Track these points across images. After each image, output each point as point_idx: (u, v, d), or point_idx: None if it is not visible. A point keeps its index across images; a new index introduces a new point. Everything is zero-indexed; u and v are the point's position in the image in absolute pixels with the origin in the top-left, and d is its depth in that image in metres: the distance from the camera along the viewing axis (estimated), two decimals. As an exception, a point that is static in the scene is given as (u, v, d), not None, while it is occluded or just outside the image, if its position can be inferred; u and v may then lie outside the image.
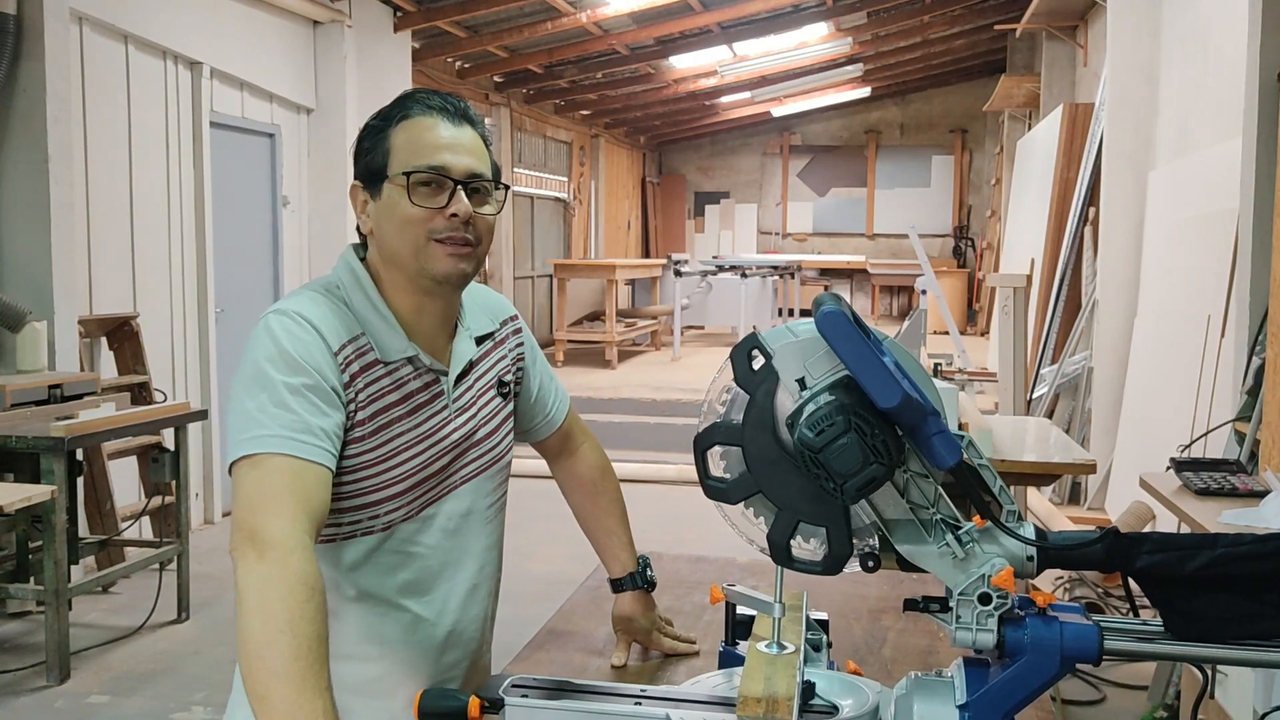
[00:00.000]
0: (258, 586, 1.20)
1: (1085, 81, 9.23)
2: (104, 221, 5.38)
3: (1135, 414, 5.76)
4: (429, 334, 1.49)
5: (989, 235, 14.59)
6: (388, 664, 1.49)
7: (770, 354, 1.19)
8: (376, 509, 1.44)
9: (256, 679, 1.14)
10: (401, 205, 1.41)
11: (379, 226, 1.45)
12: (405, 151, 1.42)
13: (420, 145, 1.42)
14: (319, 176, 7.28)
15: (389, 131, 1.44)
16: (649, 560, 1.77)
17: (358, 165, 1.48)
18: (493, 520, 1.60)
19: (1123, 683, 3.94)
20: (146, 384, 5.40)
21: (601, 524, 1.79)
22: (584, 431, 1.85)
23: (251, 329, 1.40)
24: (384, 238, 1.44)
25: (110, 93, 5.42)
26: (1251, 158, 3.35)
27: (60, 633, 3.99)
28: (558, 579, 2.00)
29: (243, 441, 1.31)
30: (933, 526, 1.19)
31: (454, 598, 1.54)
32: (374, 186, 1.45)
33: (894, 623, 1.86)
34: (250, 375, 1.35)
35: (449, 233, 1.41)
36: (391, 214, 1.42)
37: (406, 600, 1.49)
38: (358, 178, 1.48)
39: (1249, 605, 1.15)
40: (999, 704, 1.16)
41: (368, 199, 1.46)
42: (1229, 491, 2.59)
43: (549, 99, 12.60)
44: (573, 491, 1.82)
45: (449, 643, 1.54)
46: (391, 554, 1.47)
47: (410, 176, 1.40)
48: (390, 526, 1.46)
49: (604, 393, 9.20)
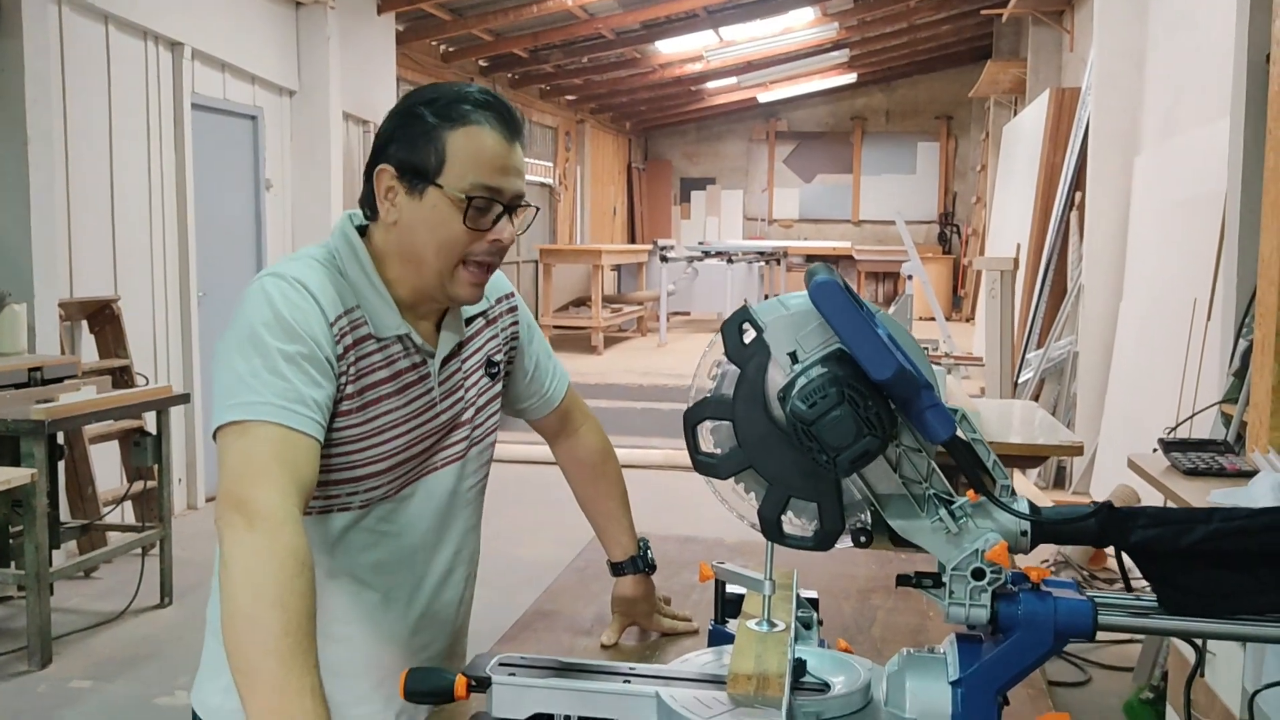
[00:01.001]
0: (246, 558, 1.17)
1: (1071, 66, 9.23)
2: (84, 204, 5.33)
3: (1120, 398, 5.77)
4: (420, 315, 1.47)
5: (974, 222, 14.61)
6: (356, 644, 1.47)
7: (762, 328, 1.17)
8: (356, 485, 1.42)
9: (244, 654, 1.12)
10: (450, 222, 1.36)
11: (410, 226, 1.38)
12: (464, 164, 1.35)
13: (481, 163, 1.35)
14: (302, 160, 7.22)
15: (444, 133, 1.35)
16: (649, 543, 1.76)
17: (390, 149, 1.38)
18: (473, 503, 1.58)
19: (1108, 664, 3.95)
20: (128, 368, 5.36)
21: (602, 507, 1.77)
22: (584, 413, 1.82)
23: (245, 290, 1.36)
24: (413, 240, 1.38)
25: (90, 74, 5.36)
26: (1240, 138, 3.35)
27: (42, 617, 3.96)
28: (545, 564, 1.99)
29: (231, 407, 1.27)
30: (925, 501, 1.18)
31: (428, 580, 1.52)
32: (415, 183, 1.36)
33: (883, 602, 1.85)
34: (244, 337, 1.31)
35: (485, 257, 1.39)
36: (434, 225, 1.36)
37: (378, 579, 1.47)
38: (390, 163, 1.38)
39: (1244, 580, 1.14)
40: (992, 679, 1.15)
41: (398, 189, 1.38)
42: (1217, 471, 2.59)
43: (534, 83, 12.54)
44: (573, 474, 1.80)
45: (420, 625, 1.52)
46: (367, 532, 1.45)
47: (472, 202, 1.35)
48: (368, 505, 1.44)
49: (590, 378, 9.18)
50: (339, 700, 1.39)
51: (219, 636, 1.44)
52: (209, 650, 1.49)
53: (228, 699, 1.42)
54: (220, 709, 1.45)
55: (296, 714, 1.07)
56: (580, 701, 1.26)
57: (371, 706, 1.45)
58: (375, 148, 1.42)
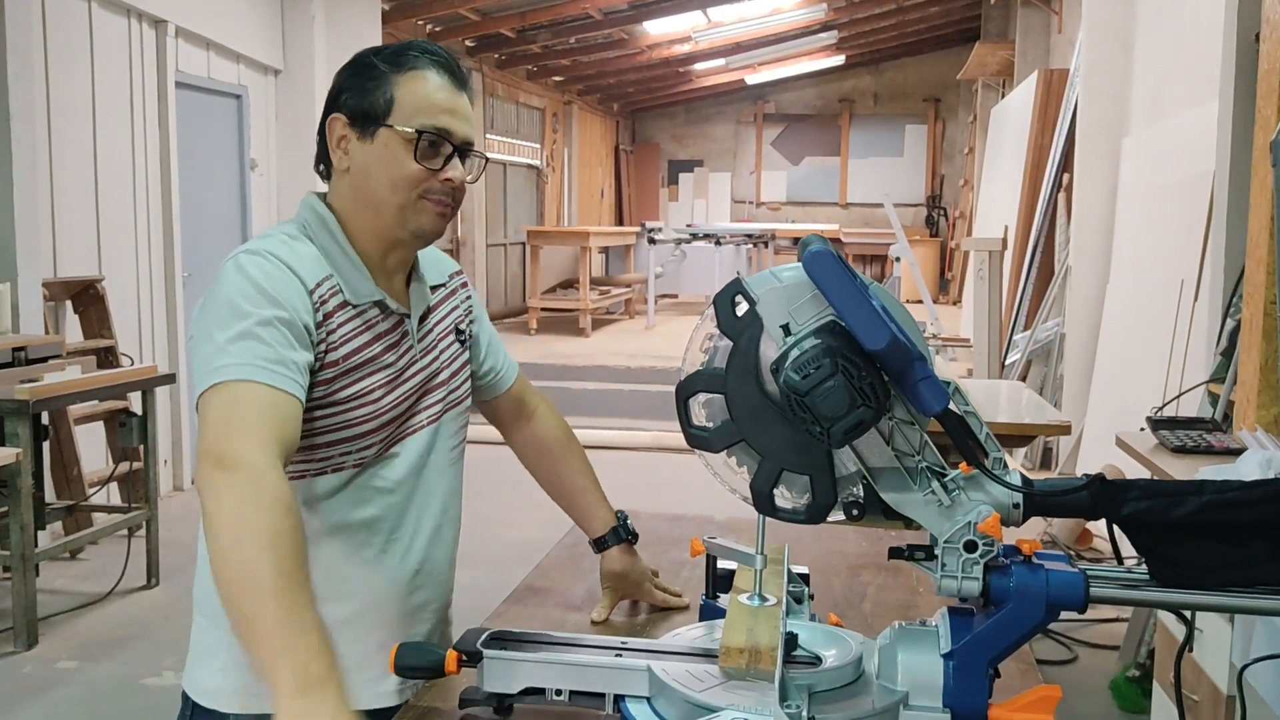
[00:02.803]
0: (232, 505, 1.16)
1: (1060, 48, 9.23)
2: (68, 183, 5.28)
3: (1107, 379, 5.79)
4: (390, 279, 1.49)
5: (962, 204, 14.61)
6: (356, 603, 1.47)
7: (754, 299, 1.17)
8: (349, 445, 1.43)
9: (241, 599, 1.10)
10: (402, 160, 1.40)
11: (364, 169, 1.42)
12: (412, 106, 1.40)
13: (428, 104, 1.41)
14: (288, 139, 7.17)
15: (393, 78, 1.41)
16: (626, 514, 1.75)
17: (342, 98, 1.43)
18: (455, 464, 1.60)
19: (1094, 642, 3.97)
20: (113, 348, 5.32)
21: (574, 484, 1.76)
22: (538, 395, 1.83)
23: (220, 269, 1.37)
24: (369, 183, 1.42)
25: (73, 51, 5.30)
26: (1228, 117, 3.34)
27: (27, 598, 3.94)
28: (534, 544, 1.98)
29: (212, 371, 1.27)
30: (918, 474, 1.17)
31: (420, 535, 1.52)
32: (366, 127, 1.41)
33: (874, 578, 1.85)
34: (221, 309, 1.31)
35: (440, 195, 1.43)
36: (388, 164, 1.41)
37: (374, 536, 1.47)
38: (341, 111, 1.43)
39: (1235, 552, 1.14)
40: (984, 651, 1.15)
41: (350, 136, 1.43)
42: (1205, 449, 2.60)
43: (521, 64, 12.47)
44: (538, 456, 1.79)
45: (417, 582, 1.53)
46: (360, 489, 1.45)
47: (421, 136, 1.39)
48: (361, 464, 1.45)
49: (577, 360, 9.17)
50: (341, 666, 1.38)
51: (210, 617, 1.43)
52: (200, 632, 1.48)
53: (225, 680, 1.42)
54: (218, 691, 1.44)
55: (301, 650, 1.06)
56: (572, 675, 1.26)
57: (373, 671, 1.44)
58: (328, 102, 1.46)
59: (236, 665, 1.40)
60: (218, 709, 1.43)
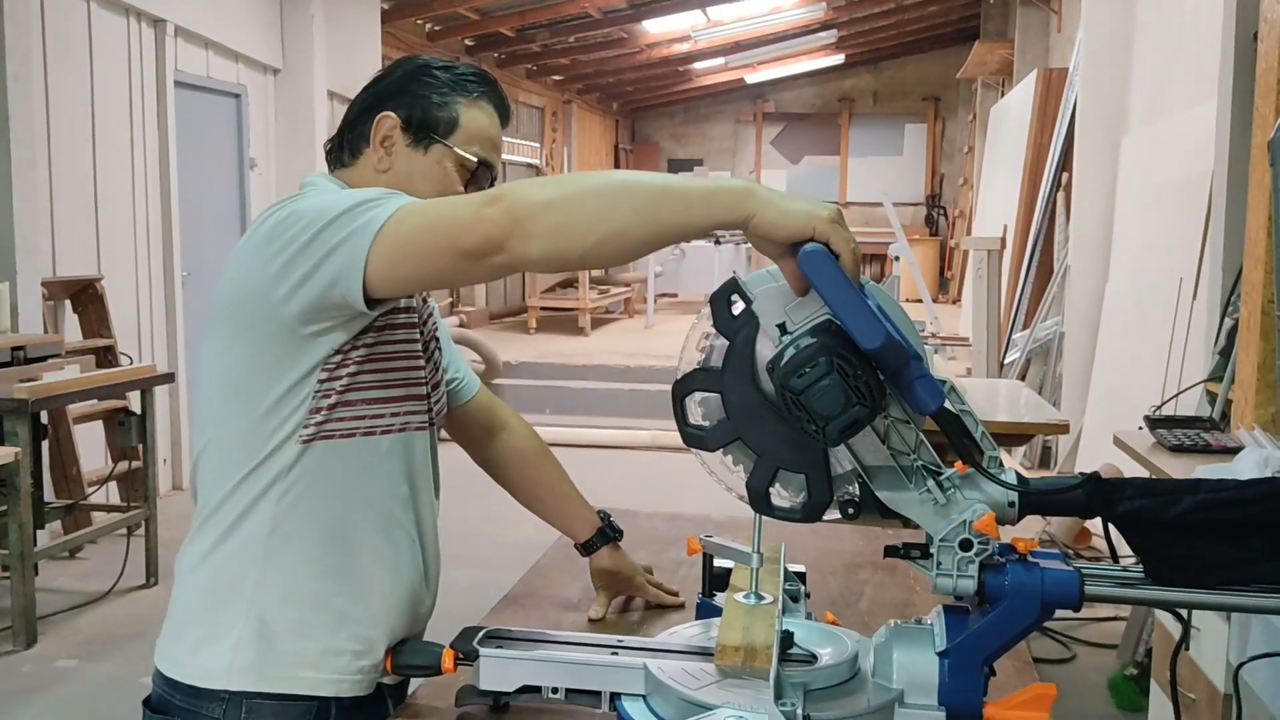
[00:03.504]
0: (553, 185, 1.13)
1: (1059, 47, 9.23)
2: (67, 182, 5.28)
3: (1106, 378, 5.79)
4: None
5: (961, 203, 14.62)
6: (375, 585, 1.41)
7: (750, 299, 1.17)
8: (399, 405, 1.40)
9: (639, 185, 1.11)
10: (452, 179, 1.44)
11: (406, 174, 1.43)
12: (473, 133, 1.45)
13: (485, 137, 1.47)
14: (286, 138, 7.17)
15: (461, 101, 1.45)
16: (608, 513, 1.75)
17: (398, 99, 1.44)
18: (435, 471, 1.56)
19: (1093, 641, 3.98)
20: (112, 347, 5.32)
21: (555, 491, 1.75)
22: (506, 406, 1.81)
23: (283, 205, 1.31)
24: (408, 188, 1.37)
25: (72, 50, 5.30)
26: (1227, 116, 3.34)
27: (26, 596, 3.94)
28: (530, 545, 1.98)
29: (375, 209, 1.20)
30: (914, 473, 1.17)
31: (426, 524, 1.49)
32: (420, 137, 1.43)
33: (870, 576, 1.86)
34: (327, 202, 1.24)
35: None
36: (436, 179, 1.43)
37: (405, 514, 1.43)
38: (395, 112, 1.43)
39: (1231, 551, 1.14)
40: (979, 650, 1.15)
41: (397, 139, 1.43)
42: (1203, 448, 2.60)
43: (521, 63, 12.47)
44: (515, 467, 1.75)
45: (427, 574, 1.49)
46: (395, 460, 1.41)
47: (480, 166, 1.45)
48: (405, 429, 1.42)
49: (577, 359, 9.17)
50: (353, 649, 1.37)
51: (226, 590, 1.36)
52: (207, 612, 1.38)
53: (239, 655, 1.35)
54: (229, 669, 1.35)
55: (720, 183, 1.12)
56: (568, 673, 1.26)
57: (376, 659, 1.40)
58: (375, 96, 1.46)
59: (253, 639, 1.34)
60: (227, 688, 1.35)
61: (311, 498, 1.34)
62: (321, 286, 1.23)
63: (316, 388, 1.31)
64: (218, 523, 1.35)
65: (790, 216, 1.09)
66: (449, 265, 1.17)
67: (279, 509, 1.33)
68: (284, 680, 1.35)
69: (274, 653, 1.34)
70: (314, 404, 1.32)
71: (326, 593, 1.36)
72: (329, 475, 1.34)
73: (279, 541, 1.34)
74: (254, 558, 1.34)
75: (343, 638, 1.37)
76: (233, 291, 1.31)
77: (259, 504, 1.33)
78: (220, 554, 1.36)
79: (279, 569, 1.34)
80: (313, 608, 1.35)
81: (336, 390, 1.32)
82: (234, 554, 1.35)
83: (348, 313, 1.26)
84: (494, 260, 1.14)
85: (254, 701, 1.34)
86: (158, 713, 1.42)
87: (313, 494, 1.34)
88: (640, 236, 1.12)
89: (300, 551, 1.35)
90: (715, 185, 1.12)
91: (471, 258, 1.15)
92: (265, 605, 1.34)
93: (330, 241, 1.21)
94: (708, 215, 1.11)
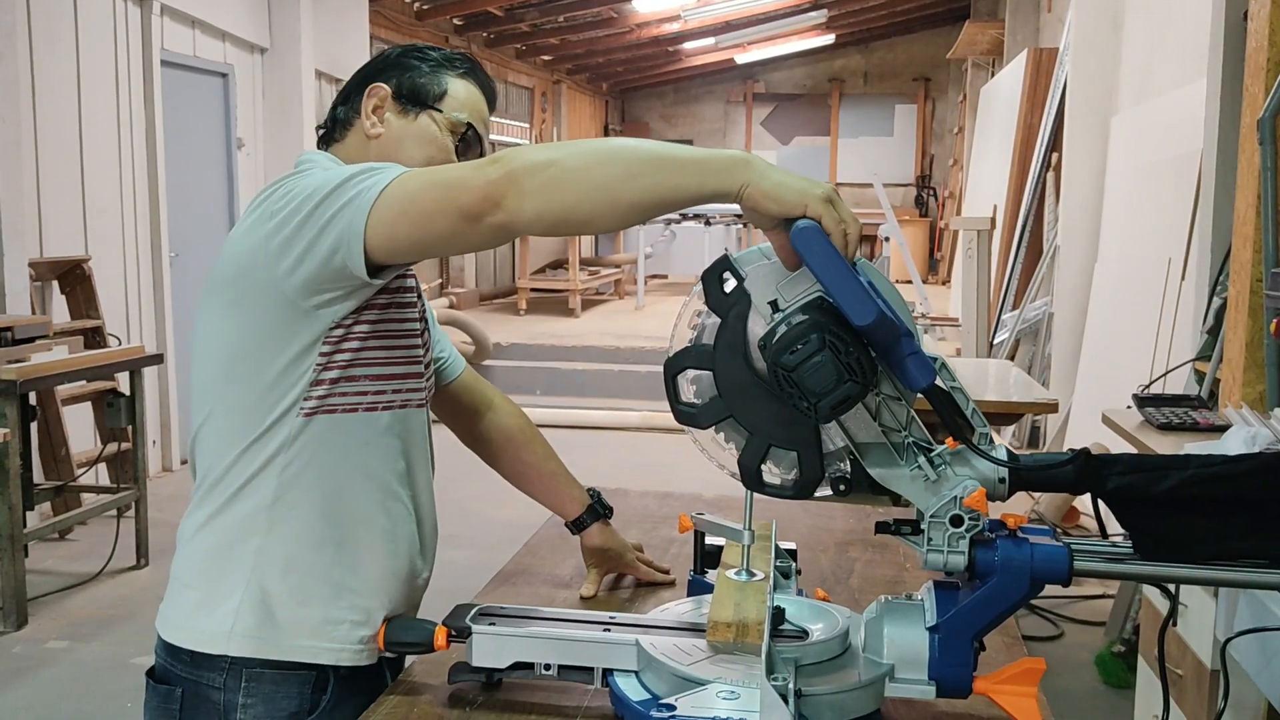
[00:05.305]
0: (555, 148, 1.15)
1: (1050, 27, 9.22)
2: (53, 162, 5.24)
3: (1094, 358, 5.81)
4: None
5: (951, 184, 14.61)
6: (374, 555, 1.41)
7: (742, 276, 1.17)
8: (400, 383, 1.41)
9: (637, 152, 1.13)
10: (441, 142, 1.47)
11: (397, 138, 1.46)
12: (463, 103, 1.49)
13: (473, 107, 1.50)
14: (274, 118, 7.13)
15: (451, 75, 1.50)
16: (598, 490, 1.76)
17: (387, 73, 1.48)
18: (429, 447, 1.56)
19: (1080, 618, 4.01)
20: (100, 328, 5.30)
21: (543, 470, 1.75)
22: (492, 386, 1.81)
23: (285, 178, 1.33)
24: (397, 152, 1.45)
25: (57, 29, 5.25)
26: (1216, 96, 3.35)
27: (16, 578, 3.94)
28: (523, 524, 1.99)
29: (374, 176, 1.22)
30: (905, 449, 1.18)
31: (423, 499, 1.49)
32: (409, 106, 1.47)
33: (860, 554, 1.86)
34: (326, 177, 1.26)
35: None
36: (425, 141, 1.46)
37: (402, 488, 1.44)
38: (386, 84, 1.47)
39: (1219, 526, 1.15)
40: (969, 625, 1.17)
41: (387, 108, 1.47)
42: (1190, 426, 2.61)
43: (510, 43, 12.40)
44: (502, 446, 1.75)
45: (424, 547, 1.49)
46: (394, 436, 1.41)
47: (469, 129, 1.48)
48: (406, 405, 1.42)
49: (567, 341, 9.16)
50: (351, 619, 1.37)
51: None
52: (205, 578, 1.37)
53: (239, 621, 1.35)
54: (229, 633, 1.35)
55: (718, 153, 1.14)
56: (560, 650, 1.27)
57: (374, 629, 1.40)
58: (364, 75, 1.50)
59: (254, 606, 1.34)
60: (227, 653, 1.35)
61: (313, 470, 1.35)
62: (323, 255, 1.24)
63: (318, 360, 1.32)
64: (220, 492, 1.36)
65: (784, 189, 1.10)
66: (447, 226, 1.18)
67: (282, 480, 1.34)
68: (284, 648, 1.36)
69: (274, 621, 1.35)
70: (315, 376, 1.32)
71: (326, 563, 1.37)
72: (331, 448, 1.35)
73: (282, 512, 1.35)
74: (257, 527, 1.35)
75: (342, 607, 1.37)
76: (234, 266, 1.32)
77: (262, 475, 1.34)
78: (221, 522, 1.37)
79: (281, 538, 1.35)
80: (313, 577, 1.36)
81: (340, 365, 1.33)
82: (236, 523, 1.36)
83: (351, 283, 1.27)
84: (491, 220, 1.16)
85: (254, 670, 1.35)
86: (160, 683, 1.43)
87: (315, 466, 1.35)
88: (633, 199, 1.13)
89: (301, 522, 1.35)
90: (711, 153, 1.14)
91: (470, 218, 1.16)
92: (266, 574, 1.35)
93: (329, 210, 1.23)
94: (702, 182, 1.12)
